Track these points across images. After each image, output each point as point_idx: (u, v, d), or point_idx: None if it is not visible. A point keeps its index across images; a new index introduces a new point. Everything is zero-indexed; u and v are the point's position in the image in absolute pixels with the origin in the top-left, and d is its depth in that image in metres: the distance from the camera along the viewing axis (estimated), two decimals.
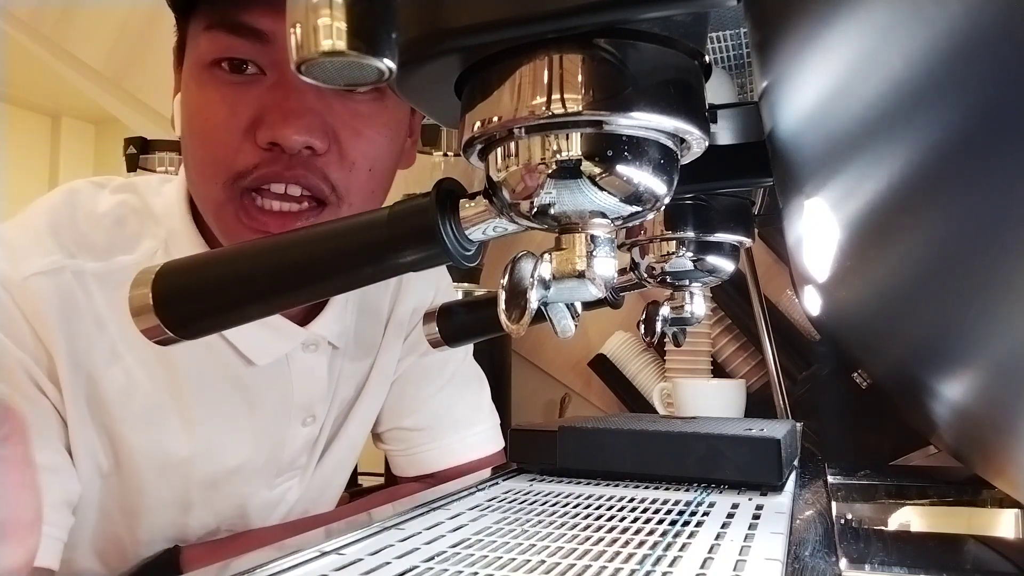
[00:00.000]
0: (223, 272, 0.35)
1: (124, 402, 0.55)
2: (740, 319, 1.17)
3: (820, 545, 0.39)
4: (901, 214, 0.24)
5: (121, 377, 0.55)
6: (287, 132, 0.49)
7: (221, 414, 0.60)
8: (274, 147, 0.50)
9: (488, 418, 0.78)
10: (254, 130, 0.50)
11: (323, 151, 0.51)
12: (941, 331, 0.31)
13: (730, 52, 0.72)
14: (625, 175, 0.28)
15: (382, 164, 0.56)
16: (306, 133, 0.50)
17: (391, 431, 0.75)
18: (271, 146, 0.50)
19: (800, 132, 0.29)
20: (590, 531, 0.39)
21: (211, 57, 0.51)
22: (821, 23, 0.20)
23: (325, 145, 0.51)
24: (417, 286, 0.73)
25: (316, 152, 0.51)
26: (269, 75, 0.51)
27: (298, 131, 0.49)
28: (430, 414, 0.74)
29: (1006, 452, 0.39)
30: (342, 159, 0.53)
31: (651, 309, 0.52)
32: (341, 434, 0.69)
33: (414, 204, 0.32)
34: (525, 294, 0.29)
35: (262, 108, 0.50)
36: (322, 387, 0.65)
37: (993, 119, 0.14)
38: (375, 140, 0.54)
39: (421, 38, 0.26)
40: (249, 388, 0.60)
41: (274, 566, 0.34)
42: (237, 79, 0.51)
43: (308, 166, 0.51)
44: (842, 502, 0.66)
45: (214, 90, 0.52)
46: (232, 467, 0.61)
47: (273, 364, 0.60)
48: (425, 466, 0.74)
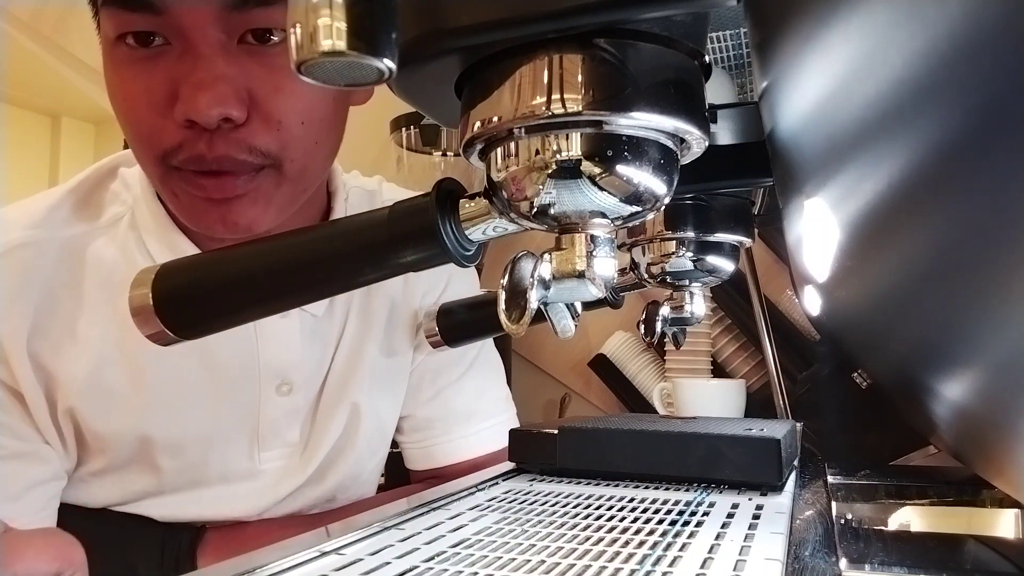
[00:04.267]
0: (223, 272, 0.35)
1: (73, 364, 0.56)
2: (740, 319, 1.17)
3: (820, 545, 0.39)
4: (901, 214, 0.24)
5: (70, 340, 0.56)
6: (199, 106, 0.48)
7: (175, 377, 0.59)
8: (193, 123, 0.49)
9: (505, 410, 0.77)
10: (171, 106, 0.49)
11: (242, 119, 0.49)
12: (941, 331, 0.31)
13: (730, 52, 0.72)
14: (625, 175, 0.28)
15: (316, 114, 0.54)
16: (219, 105, 0.48)
17: (406, 419, 0.74)
18: (189, 123, 0.49)
19: (800, 132, 0.29)
20: (590, 531, 0.39)
21: (113, 34, 0.50)
22: (821, 23, 0.20)
23: (243, 113, 0.49)
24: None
25: (235, 122, 0.49)
26: (175, 44, 0.49)
27: (210, 103, 0.48)
28: (446, 405, 0.74)
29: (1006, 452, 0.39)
30: (267, 121, 0.51)
31: (651, 309, 0.52)
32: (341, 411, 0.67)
33: (414, 204, 0.32)
34: (525, 294, 0.29)
35: (173, 81, 0.49)
36: (295, 354, 0.64)
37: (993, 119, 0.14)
38: (299, 91, 0.52)
39: (421, 38, 0.26)
40: (206, 351, 0.60)
41: (274, 566, 0.33)
42: (144, 53, 0.50)
43: (230, 140, 0.50)
44: (842, 502, 0.66)
45: (125, 67, 0.51)
46: (194, 431, 0.60)
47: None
48: (439, 459, 0.73)
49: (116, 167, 0.63)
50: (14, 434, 0.55)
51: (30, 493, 0.56)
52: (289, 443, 0.65)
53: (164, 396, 0.59)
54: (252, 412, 0.63)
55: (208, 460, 0.62)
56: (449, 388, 0.74)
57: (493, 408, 0.76)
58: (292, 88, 0.51)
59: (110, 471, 0.60)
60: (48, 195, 0.60)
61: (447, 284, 0.75)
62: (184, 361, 0.59)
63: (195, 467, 0.61)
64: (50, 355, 0.56)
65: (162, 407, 0.59)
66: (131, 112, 0.51)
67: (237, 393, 0.62)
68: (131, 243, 0.59)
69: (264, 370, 0.62)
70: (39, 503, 0.56)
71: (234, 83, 0.49)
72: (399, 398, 0.73)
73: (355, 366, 0.68)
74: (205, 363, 0.60)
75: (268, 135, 0.51)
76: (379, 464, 0.75)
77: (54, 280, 0.56)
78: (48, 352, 0.56)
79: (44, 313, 0.56)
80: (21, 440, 0.56)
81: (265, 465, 0.64)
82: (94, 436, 0.58)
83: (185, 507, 0.62)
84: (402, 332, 0.71)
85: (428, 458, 0.74)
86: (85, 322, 0.57)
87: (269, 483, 0.65)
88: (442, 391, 0.74)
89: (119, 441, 0.59)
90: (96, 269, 0.58)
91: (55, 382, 0.56)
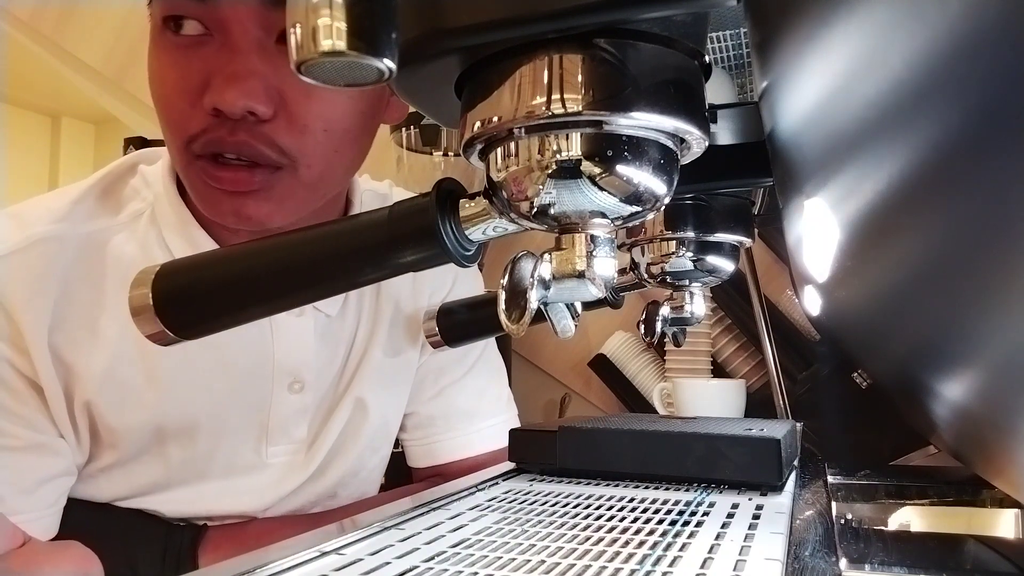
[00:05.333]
0: (223, 272, 0.35)
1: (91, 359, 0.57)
2: (740, 319, 1.17)
3: (820, 545, 0.39)
4: (901, 214, 0.24)
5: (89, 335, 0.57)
6: (227, 97, 0.49)
7: (190, 372, 0.60)
8: (219, 113, 0.50)
9: (506, 410, 0.78)
10: (202, 94, 0.50)
11: (268, 116, 0.50)
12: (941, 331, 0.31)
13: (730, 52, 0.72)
14: (625, 175, 0.28)
15: (341, 124, 0.54)
16: (246, 98, 0.49)
17: (408, 417, 0.75)
18: (216, 112, 0.50)
19: (800, 132, 0.29)
20: (590, 531, 0.39)
21: (159, 16, 0.51)
22: (821, 23, 0.20)
23: (269, 110, 0.50)
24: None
25: (260, 118, 0.50)
26: (216, 36, 0.51)
27: (238, 96, 0.49)
28: (448, 403, 0.74)
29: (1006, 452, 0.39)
30: (291, 123, 0.52)
31: (651, 309, 0.52)
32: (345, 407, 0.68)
33: (414, 204, 0.32)
34: (525, 294, 0.29)
35: (208, 72, 0.50)
36: (309, 353, 0.64)
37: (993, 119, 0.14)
38: (329, 99, 0.53)
39: (421, 38, 0.26)
40: (221, 347, 0.60)
41: (274, 566, 0.33)
42: (185, 41, 0.51)
43: (253, 132, 0.51)
44: (842, 502, 0.66)
45: (166, 53, 0.52)
46: (205, 424, 0.61)
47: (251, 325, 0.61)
48: (441, 456, 0.74)
49: (136, 164, 0.64)
50: (31, 426, 0.56)
51: (43, 487, 0.56)
52: (296, 440, 0.66)
53: (178, 391, 0.60)
54: (263, 408, 0.63)
55: (216, 453, 0.62)
56: (452, 387, 0.74)
57: (495, 407, 0.77)
58: (322, 95, 0.52)
59: (119, 465, 0.60)
60: (69, 190, 0.61)
61: (453, 284, 0.75)
62: (199, 357, 0.60)
63: (202, 459, 0.61)
64: (69, 349, 0.56)
65: (175, 401, 0.59)
66: (164, 97, 0.53)
67: (249, 390, 0.62)
68: (151, 239, 0.60)
69: (277, 368, 0.63)
70: (51, 497, 0.57)
71: (265, 80, 0.50)
72: (403, 397, 0.73)
73: (362, 365, 0.69)
74: (219, 359, 0.61)
75: (291, 136, 0.52)
76: (381, 462, 0.75)
77: (73, 274, 0.57)
78: (67, 346, 0.56)
79: (63, 306, 0.56)
80: (37, 432, 0.56)
81: (271, 460, 0.64)
82: (108, 431, 0.58)
83: (190, 502, 0.62)
84: (408, 331, 0.71)
85: (430, 455, 0.74)
86: (105, 318, 0.57)
87: (274, 478, 0.65)
88: (445, 389, 0.74)
89: (131, 435, 0.59)
90: (116, 265, 0.59)
91: (73, 376, 0.57)
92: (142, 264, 0.59)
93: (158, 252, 0.60)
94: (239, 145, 0.51)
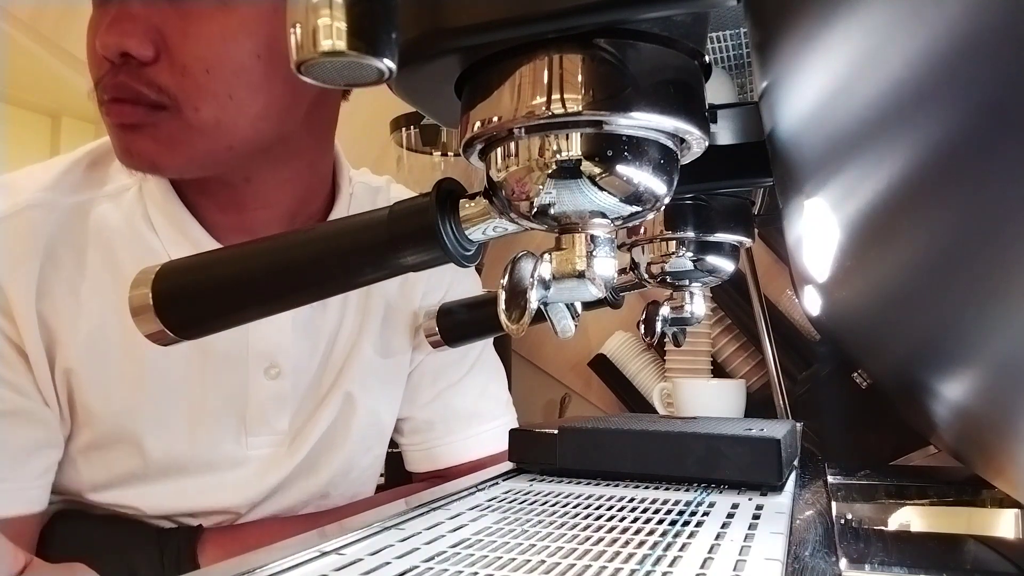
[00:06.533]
0: (223, 272, 0.35)
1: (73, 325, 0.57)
2: (740, 319, 1.17)
3: (820, 545, 0.39)
4: (901, 214, 0.24)
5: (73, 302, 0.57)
6: (103, 41, 0.51)
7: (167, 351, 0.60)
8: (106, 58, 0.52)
9: (505, 412, 0.78)
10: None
11: (147, 58, 0.51)
12: (941, 331, 0.31)
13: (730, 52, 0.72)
14: (625, 175, 0.28)
15: (227, 66, 0.54)
16: (118, 38, 0.51)
17: (405, 422, 0.74)
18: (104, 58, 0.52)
19: (800, 132, 0.29)
20: (590, 531, 0.39)
21: None
22: (821, 23, 0.20)
23: (147, 51, 0.51)
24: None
25: (140, 60, 0.51)
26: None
27: (111, 38, 0.51)
28: (446, 407, 0.74)
29: (1006, 452, 0.39)
30: (172, 64, 0.52)
31: (651, 309, 0.52)
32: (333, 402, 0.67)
33: (414, 204, 0.32)
34: (525, 294, 0.29)
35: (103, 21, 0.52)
36: (284, 338, 0.64)
37: (993, 119, 0.14)
38: (206, 38, 0.52)
39: (421, 38, 0.26)
40: None
41: (274, 566, 0.33)
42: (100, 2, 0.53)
43: (133, 75, 0.52)
44: (842, 502, 0.66)
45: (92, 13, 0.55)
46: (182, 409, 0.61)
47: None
48: (441, 461, 0.74)
49: None
50: (17, 390, 0.56)
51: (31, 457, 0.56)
52: (278, 431, 0.65)
53: (155, 370, 0.60)
54: (240, 393, 0.63)
55: (195, 442, 0.62)
56: (450, 390, 0.74)
57: (495, 410, 0.76)
58: (199, 34, 0.52)
59: (95, 448, 0.60)
60: (58, 162, 0.62)
61: (450, 285, 0.75)
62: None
63: (181, 449, 0.61)
64: (53, 315, 0.57)
65: (151, 378, 0.60)
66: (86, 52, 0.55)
67: (225, 373, 0.62)
68: (136, 214, 0.61)
69: (252, 351, 0.63)
70: (38, 468, 0.57)
71: (143, 23, 0.51)
72: (397, 397, 0.73)
73: (350, 361, 0.68)
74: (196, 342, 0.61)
75: (172, 77, 0.53)
76: (375, 462, 0.75)
77: (59, 241, 0.58)
78: (51, 311, 0.57)
79: (49, 272, 0.57)
80: (23, 396, 0.56)
81: (252, 451, 0.64)
82: (84, 408, 0.59)
83: (172, 496, 0.61)
84: (400, 331, 0.71)
85: (429, 460, 0.74)
86: (86, 286, 0.58)
87: (256, 471, 0.64)
88: (443, 393, 0.74)
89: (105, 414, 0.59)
90: (98, 234, 0.59)
91: (56, 343, 0.57)
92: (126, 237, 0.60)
93: (143, 227, 0.60)
94: (119, 86, 0.52)
